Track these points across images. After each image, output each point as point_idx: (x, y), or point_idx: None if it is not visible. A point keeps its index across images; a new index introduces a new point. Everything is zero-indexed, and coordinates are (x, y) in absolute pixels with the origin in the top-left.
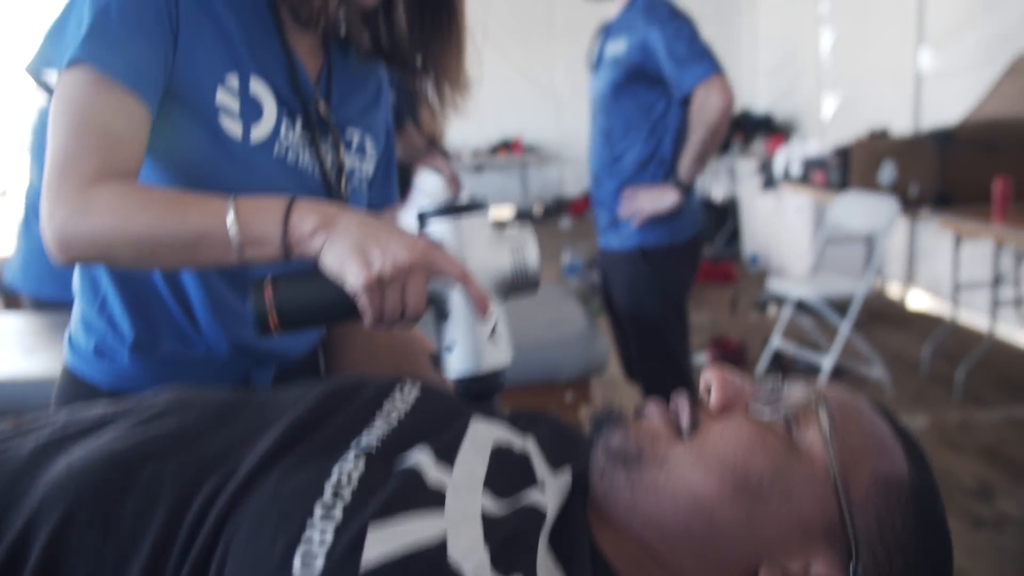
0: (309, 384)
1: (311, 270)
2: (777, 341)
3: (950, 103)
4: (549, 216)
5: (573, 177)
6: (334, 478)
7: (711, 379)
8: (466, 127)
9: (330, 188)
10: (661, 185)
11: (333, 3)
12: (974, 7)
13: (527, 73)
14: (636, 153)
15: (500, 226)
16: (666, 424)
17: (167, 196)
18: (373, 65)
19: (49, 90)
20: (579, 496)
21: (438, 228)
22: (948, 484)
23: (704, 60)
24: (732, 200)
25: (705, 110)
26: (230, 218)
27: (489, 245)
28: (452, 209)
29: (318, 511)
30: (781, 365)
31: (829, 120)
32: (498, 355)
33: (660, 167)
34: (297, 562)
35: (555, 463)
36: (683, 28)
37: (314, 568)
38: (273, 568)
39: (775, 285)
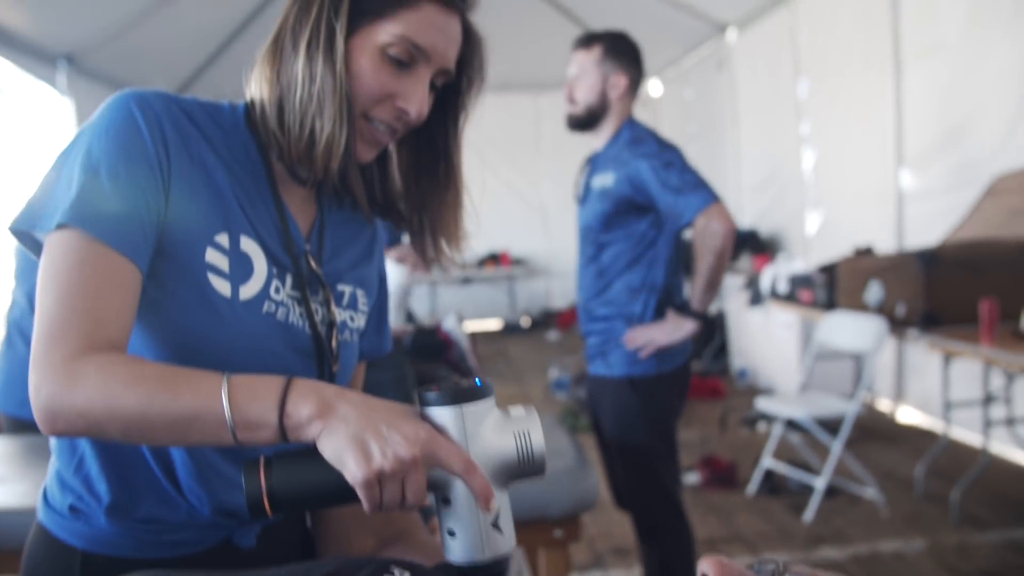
0: (290, 569)
1: (308, 451)
2: (768, 461)
3: (931, 222)
4: (536, 328)
5: (560, 289)
6: None
7: (707, 570)
8: None
9: (320, 344)
10: (674, 317)
11: (335, 161)
12: (950, 130)
13: (515, 188)
14: (627, 281)
15: (504, 409)
16: None
17: (158, 372)
18: (363, 219)
19: (36, 249)
20: None
21: (441, 414)
22: None
23: (700, 189)
24: (720, 315)
25: (709, 237)
26: (224, 400)
27: (493, 431)
28: (455, 394)
29: None
30: (772, 486)
31: (813, 236)
32: (501, 543)
33: (652, 294)
34: None
35: None
36: (672, 159)
37: None
38: None
39: (765, 404)
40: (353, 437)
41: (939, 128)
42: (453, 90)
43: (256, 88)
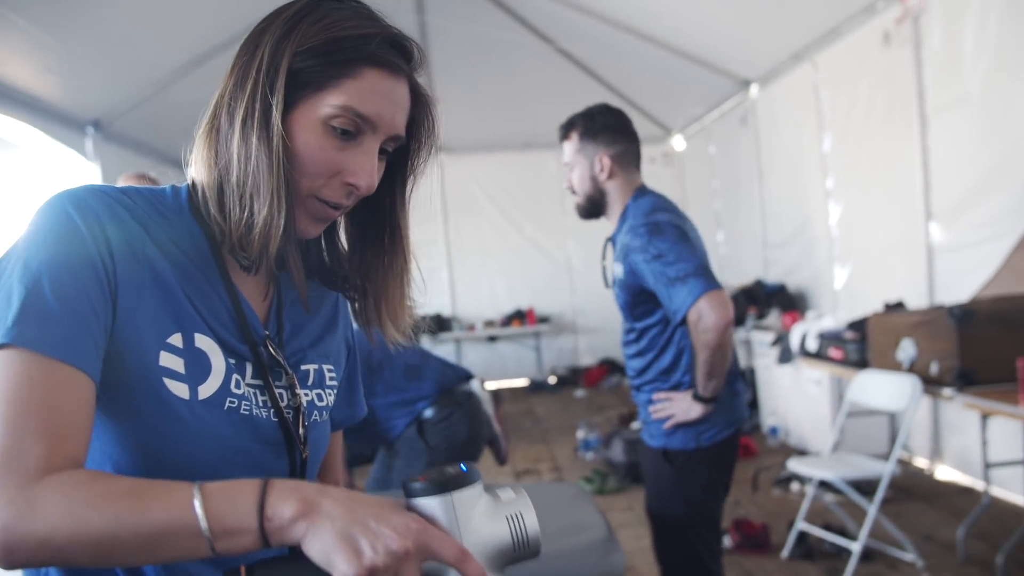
0: None
1: (290, 556)
2: (802, 524)
3: (963, 276)
4: (563, 386)
5: (587, 346)
6: None
7: None
8: (478, 298)
9: (288, 432)
10: (687, 398)
11: (273, 244)
12: (978, 183)
13: (540, 245)
14: (659, 364)
15: (493, 492)
16: None
17: (124, 488)
18: (324, 287)
19: None
20: None
21: (429, 504)
22: None
23: (690, 280)
24: (749, 372)
25: (701, 332)
26: (198, 511)
27: (485, 517)
28: (443, 483)
29: None
30: (807, 549)
31: (842, 291)
32: None
33: (685, 374)
34: None
35: None
36: (662, 249)
37: None
38: None
39: (797, 466)
40: (341, 534)
41: (967, 181)
42: (402, 154)
43: (195, 170)
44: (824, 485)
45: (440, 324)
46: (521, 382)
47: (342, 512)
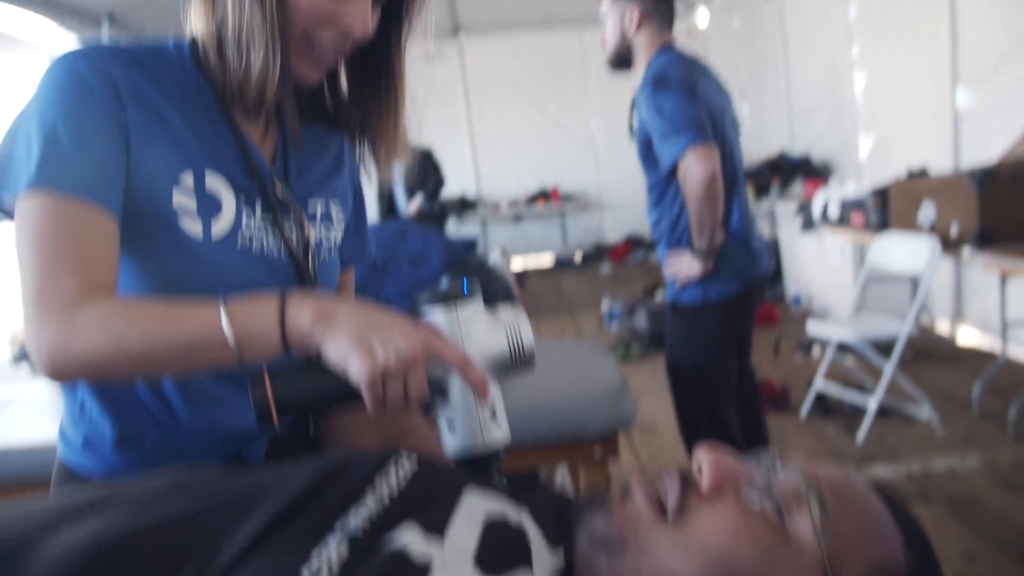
0: (302, 461)
1: (308, 361)
2: (820, 384)
3: (989, 141)
4: (589, 263)
5: (612, 223)
6: (313, 563)
7: (702, 460)
8: (503, 178)
9: (298, 267)
10: (687, 254)
11: (271, 90)
12: (1009, 45)
13: (563, 124)
14: (668, 219)
15: (492, 309)
16: (651, 506)
17: (156, 308)
18: (330, 130)
19: (6, 213)
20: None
21: (435, 316)
22: (1003, 527)
23: (683, 133)
24: (773, 242)
25: (688, 185)
26: (224, 323)
27: (485, 329)
28: (446, 297)
29: None
30: (825, 408)
31: (866, 160)
32: (498, 433)
33: (686, 232)
34: None
35: (552, 540)
36: (663, 104)
37: None
38: None
39: (816, 328)
40: (356, 338)
41: (997, 44)
42: (397, 3)
43: (194, 23)
44: (844, 349)
45: (465, 206)
46: (547, 260)
47: (356, 319)
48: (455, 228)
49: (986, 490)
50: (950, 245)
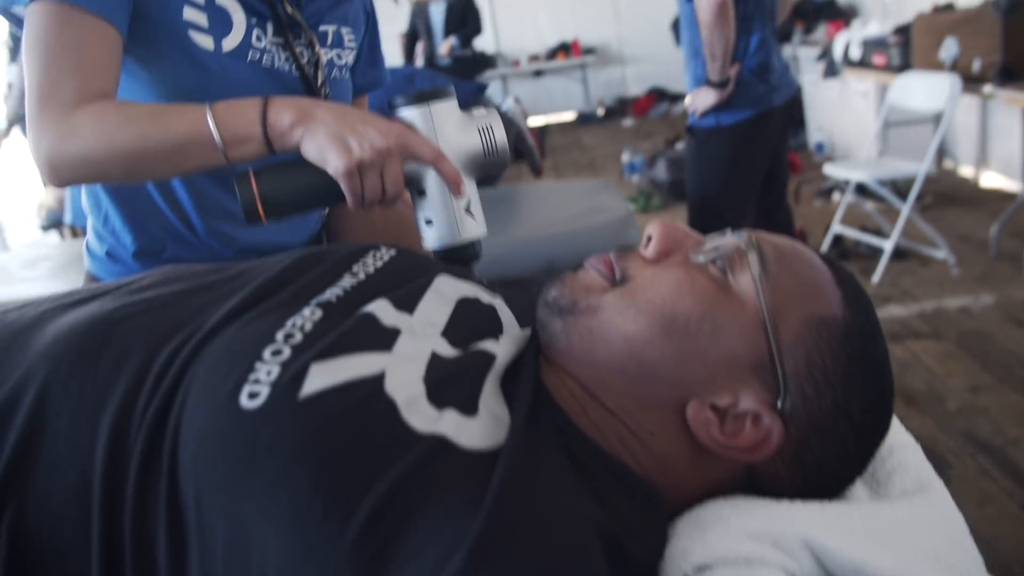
0: (278, 257)
1: (291, 160)
2: (838, 227)
3: None
4: (611, 117)
5: (635, 76)
6: (287, 326)
7: (652, 230)
8: (522, 33)
9: (309, 85)
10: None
11: None
12: None
13: None
14: (691, 46)
15: (467, 110)
16: (600, 276)
17: (147, 109)
18: None
19: (17, 23)
20: (534, 346)
21: (409, 114)
22: (1010, 360)
23: None
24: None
25: (699, 9)
26: (210, 122)
27: (459, 128)
28: (421, 96)
29: (267, 353)
30: (843, 251)
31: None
32: (474, 227)
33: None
34: (244, 396)
35: (523, 322)
36: None
37: (259, 399)
38: (223, 403)
39: (833, 170)
40: (332, 135)
41: None
42: None
43: None
44: (864, 193)
45: (484, 62)
46: (569, 115)
47: (333, 118)
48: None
49: (996, 326)
50: (972, 82)
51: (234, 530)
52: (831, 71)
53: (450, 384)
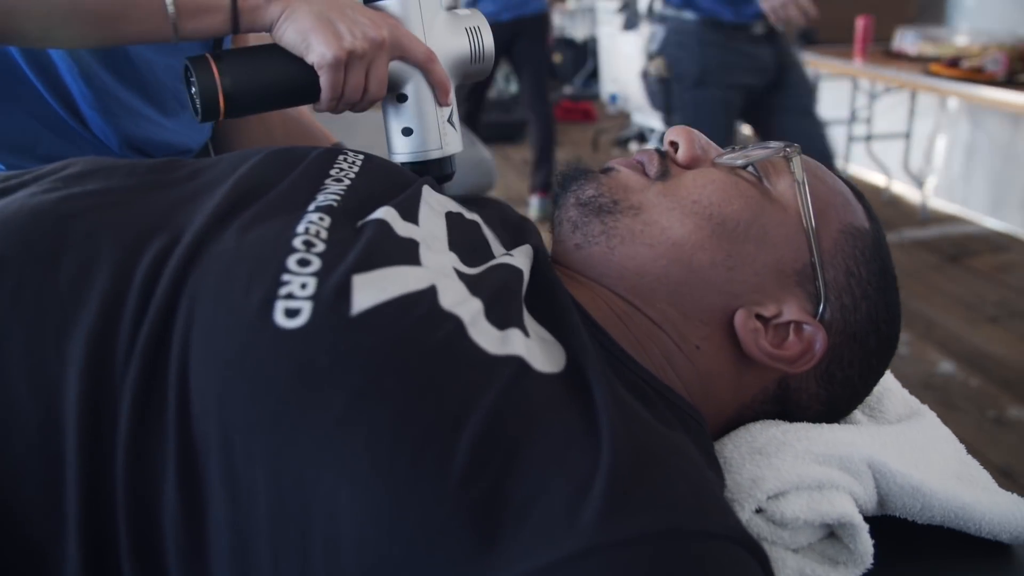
0: (240, 152)
1: (254, 47)
2: None
3: None
4: None
5: None
6: (301, 231)
7: (677, 134)
8: None
9: None
10: None
11: None
12: None
13: None
14: None
15: (451, 10)
16: (637, 175)
17: None
18: None
19: None
20: (543, 262)
21: (396, 5)
22: None
23: None
24: (592, 40)
25: None
26: None
27: (446, 28)
28: None
29: (292, 263)
30: None
31: None
32: (456, 140)
33: None
34: (279, 313)
35: (505, 241)
36: None
37: (300, 317)
38: (252, 322)
39: (641, 119)
40: (320, 16)
41: None
42: None
43: None
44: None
45: None
46: None
47: None
48: None
49: None
50: None
51: (284, 482)
52: (631, 25)
53: (500, 300)
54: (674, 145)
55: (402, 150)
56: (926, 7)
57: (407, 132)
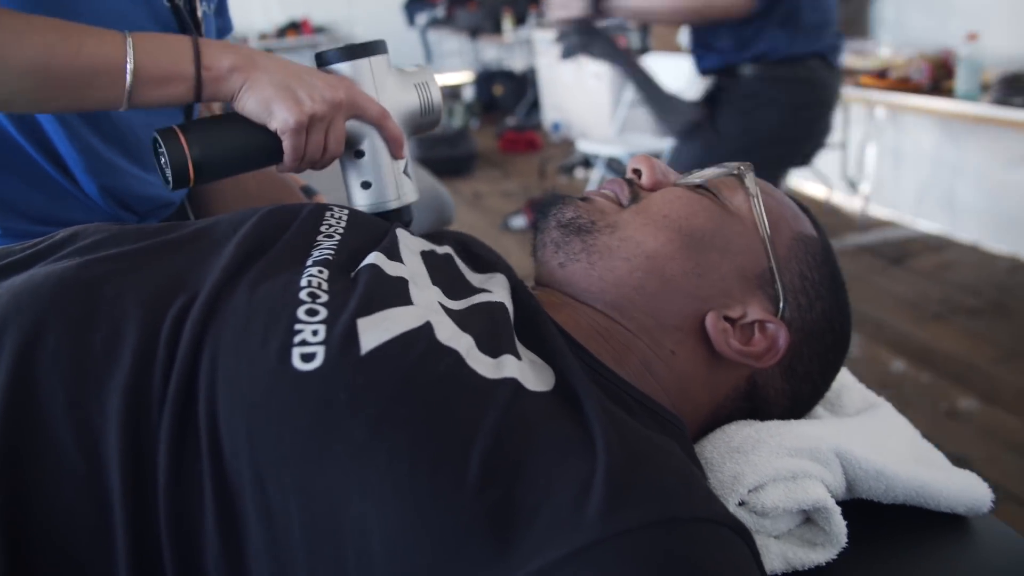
0: (236, 214)
1: (216, 117)
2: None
3: None
4: None
5: None
6: (304, 284)
7: (639, 163)
8: (249, 10)
9: (181, 18)
10: None
11: None
12: None
13: None
14: None
15: (399, 67)
16: (609, 201)
17: (54, 24)
18: None
19: None
20: (522, 291)
21: (346, 68)
22: None
23: None
24: (531, 71)
25: None
26: (129, 51)
27: (396, 85)
28: (353, 49)
29: (302, 313)
30: None
31: None
32: (412, 190)
33: None
34: (296, 358)
35: (475, 267)
36: None
37: (316, 361)
38: (272, 369)
39: (586, 146)
40: (280, 85)
41: None
42: None
43: None
44: (611, 167)
45: None
46: None
47: (277, 67)
48: None
49: None
50: None
51: (316, 508)
52: (569, 53)
53: (491, 333)
54: (637, 172)
55: (362, 202)
56: (851, 21)
57: (366, 185)
